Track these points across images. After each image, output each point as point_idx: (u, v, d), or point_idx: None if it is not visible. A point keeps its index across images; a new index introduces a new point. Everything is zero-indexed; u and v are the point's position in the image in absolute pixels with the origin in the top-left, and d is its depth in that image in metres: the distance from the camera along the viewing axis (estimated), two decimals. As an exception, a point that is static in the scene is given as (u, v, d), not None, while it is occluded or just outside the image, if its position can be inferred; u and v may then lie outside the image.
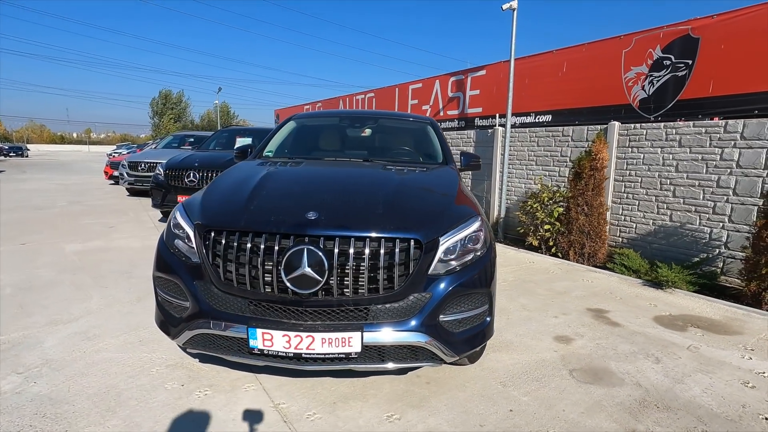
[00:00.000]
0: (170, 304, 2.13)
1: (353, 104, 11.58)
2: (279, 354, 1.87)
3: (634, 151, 5.28)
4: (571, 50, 6.15)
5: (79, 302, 3.44)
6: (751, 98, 4.44)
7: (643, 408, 2.22)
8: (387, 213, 2.01)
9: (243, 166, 2.91)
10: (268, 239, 1.87)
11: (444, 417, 2.10)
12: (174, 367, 2.49)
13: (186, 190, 6.35)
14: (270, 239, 1.87)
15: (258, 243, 1.87)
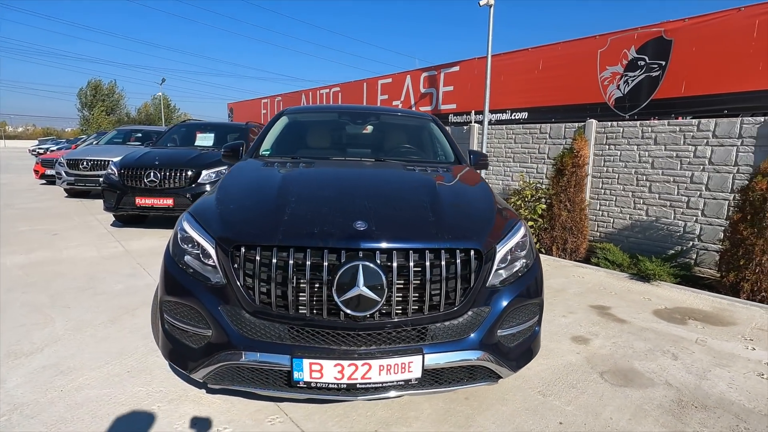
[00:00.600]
0: (185, 333, 1.81)
1: (317, 99, 11.17)
2: (329, 386, 1.63)
3: (612, 149, 5.46)
4: (547, 48, 6.25)
5: (39, 328, 2.93)
6: (721, 99, 4.72)
7: (682, 409, 2.21)
8: (439, 220, 1.82)
9: (249, 168, 2.58)
10: (313, 254, 1.61)
11: (498, 437, 1.96)
12: (178, 402, 2.15)
13: (146, 191, 5.75)
14: (315, 254, 1.62)
15: (302, 260, 1.61)
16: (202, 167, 5.93)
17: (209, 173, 5.94)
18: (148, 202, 5.77)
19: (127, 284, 3.83)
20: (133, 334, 2.85)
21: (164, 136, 7.54)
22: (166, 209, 5.80)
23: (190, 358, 1.78)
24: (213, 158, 6.20)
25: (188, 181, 5.82)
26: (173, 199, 5.76)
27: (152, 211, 5.83)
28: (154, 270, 4.23)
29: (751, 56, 4.50)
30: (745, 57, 4.54)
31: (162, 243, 5.32)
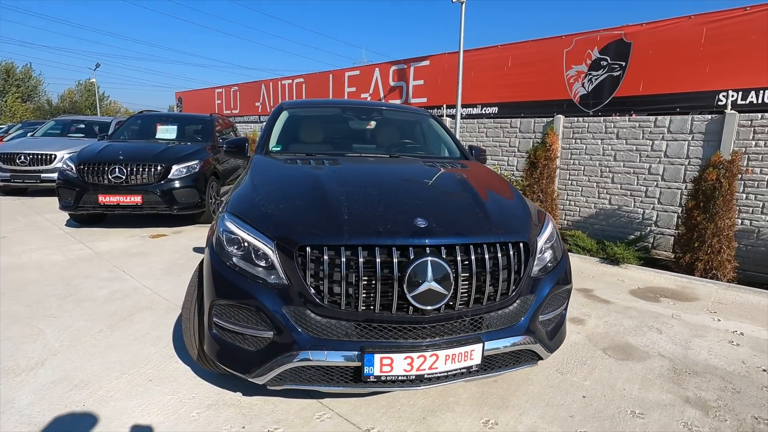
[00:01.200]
0: (241, 336, 1.77)
1: (278, 90, 10.85)
2: (398, 378, 1.68)
3: (578, 143, 5.87)
4: (516, 46, 6.55)
5: (29, 340, 2.68)
6: (674, 98, 5.23)
7: (679, 376, 2.51)
8: (488, 216, 1.92)
9: (275, 166, 2.52)
10: (382, 252, 1.65)
11: (535, 414, 2.11)
12: (217, 407, 2.10)
13: (110, 188, 5.34)
14: (384, 252, 1.65)
15: (372, 258, 1.64)
16: (172, 162, 5.60)
17: (180, 168, 5.62)
18: (113, 199, 5.37)
19: (110, 289, 3.58)
20: (140, 342, 2.71)
21: (120, 128, 7.00)
22: (134, 207, 5.43)
23: (250, 361, 1.75)
24: (183, 152, 5.88)
25: (157, 176, 5.48)
26: (141, 197, 5.41)
27: (117, 210, 5.43)
28: (136, 272, 3.99)
29: (699, 60, 5.04)
30: (695, 60, 5.07)
31: (132, 244, 5.01)
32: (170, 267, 4.19)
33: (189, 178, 5.66)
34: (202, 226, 6.08)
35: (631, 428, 2.03)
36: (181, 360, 2.51)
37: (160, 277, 3.90)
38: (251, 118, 11.76)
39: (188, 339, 2.15)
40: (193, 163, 5.78)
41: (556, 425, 2.04)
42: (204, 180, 5.86)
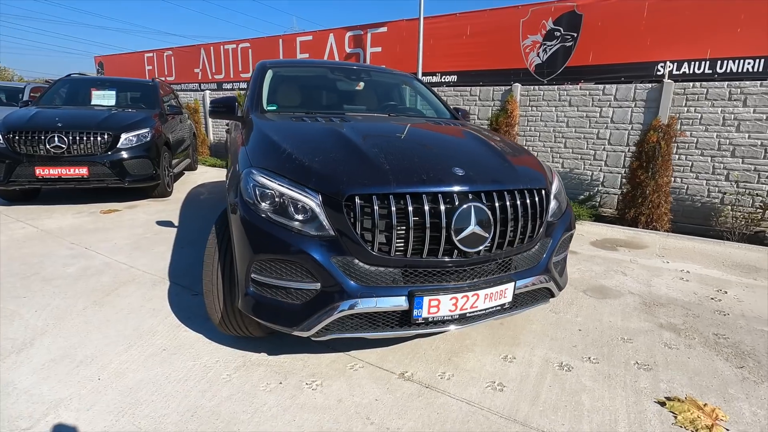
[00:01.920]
0: (284, 290, 1.76)
1: (220, 55, 10.11)
2: (444, 319, 1.78)
3: (534, 110, 6.22)
4: (474, 15, 6.68)
5: (5, 323, 2.42)
6: (619, 68, 5.70)
7: (649, 308, 2.88)
8: (512, 166, 2.04)
9: (286, 123, 2.42)
10: (429, 199, 1.70)
11: (544, 347, 2.34)
12: (246, 368, 2.07)
13: (49, 160, 4.76)
14: (431, 199, 1.71)
15: (420, 205, 1.69)
16: (121, 130, 5.09)
17: (129, 137, 5.13)
18: (54, 172, 4.80)
19: (79, 266, 3.28)
20: (136, 315, 2.55)
21: (45, 93, 6.17)
22: (79, 180, 4.90)
23: (295, 315, 1.75)
24: (131, 120, 5.36)
25: (105, 146, 4.97)
26: (88, 169, 4.89)
27: (59, 184, 4.87)
28: (102, 248, 3.67)
29: (641, 33, 5.51)
30: (637, 33, 5.54)
31: (82, 221, 4.56)
32: (138, 241, 3.90)
33: (141, 148, 5.20)
34: (157, 200, 5.66)
35: (624, 351, 2.33)
36: (190, 329, 2.41)
37: (130, 252, 3.63)
38: (190, 85, 10.89)
39: (210, 303, 2.08)
40: (144, 131, 5.30)
41: (565, 354, 2.28)
42: (156, 150, 5.42)
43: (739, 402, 1.93)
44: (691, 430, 1.74)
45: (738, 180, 5.05)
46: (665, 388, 2.02)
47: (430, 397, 1.91)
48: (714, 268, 3.69)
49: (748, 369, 2.20)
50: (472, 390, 1.96)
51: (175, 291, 2.89)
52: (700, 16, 5.17)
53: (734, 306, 2.94)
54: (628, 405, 1.89)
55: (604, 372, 2.13)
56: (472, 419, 1.77)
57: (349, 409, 1.81)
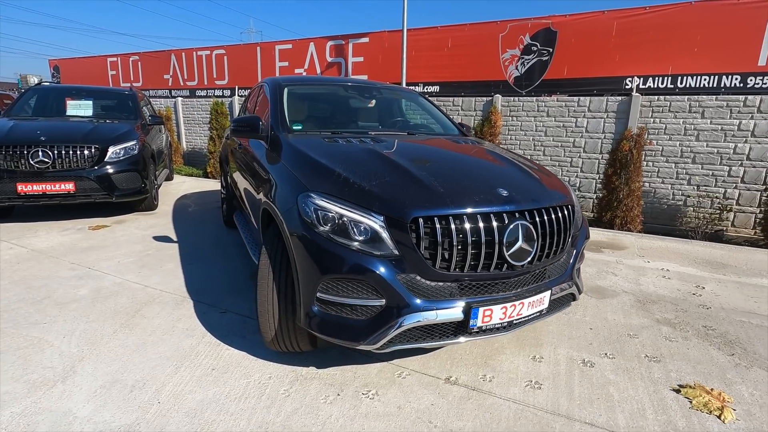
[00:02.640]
0: (350, 308, 1.87)
1: (193, 61, 9.87)
2: (495, 327, 1.96)
3: (514, 120, 6.58)
4: (455, 28, 6.96)
5: (36, 352, 2.35)
6: (592, 81, 6.16)
7: (644, 305, 3.21)
8: (543, 185, 2.26)
9: (324, 145, 2.51)
10: (483, 219, 1.87)
11: (565, 346, 2.57)
12: (300, 382, 2.16)
13: (33, 175, 4.55)
14: (485, 219, 1.88)
15: (476, 224, 1.86)
16: (109, 143, 4.94)
17: (117, 150, 4.99)
18: (38, 188, 4.59)
19: (90, 287, 3.20)
20: (171, 336, 2.55)
21: (16, 104, 5.84)
22: (65, 196, 4.71)
23: (360, 330, 1.86)
24: (117, 132, 5.20)
25: (91, 160, 4.80)
26: (74, 184, 4.71)
27: (42, 200, 4.65)
28: (106, 268, 3.59)
29: (611, 50, 5.99)
30: (608, 50, 6.01)
31: (72, 238, 4.40)
32: (142, 259, 3.83)
33: (128, 161, 5.06)
34: (144, 214, 5.51)
35: (633, 345, 2.61)
36: (231, 347, 2.46)
37: (138, 270, 3.57)
38: (160, 92, 10.53)
39: (265, 322, 2.15)
40: (131, 144, 5.16)
41: (584, 351, 2.53)
42: (144, 162, 5.28)
43: (738, 385, 2.24)
44: (706, 412, 2.01)
45: (699, 184, 5.60)
46: (675, 377, 2.30)
47: (479, 398, 2.08)
48: (689, 266, 4.11)
49: (738, 356, 2.53)
50: (514, 389, 2.15)
51: (201, 309, 2.90)
52: (662, 36, 5.70)
53: (713, 300, 3.32)
54: (649, 394, 2.14)
55: (622, 366, 2.39)
56: (522, 416, 1.96)
57: (411, 415, 1.95)
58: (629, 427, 1.90)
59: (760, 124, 5.22)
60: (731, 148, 5.41)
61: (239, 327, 2.68)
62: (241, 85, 9.36)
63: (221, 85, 9.65)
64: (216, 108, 8.44)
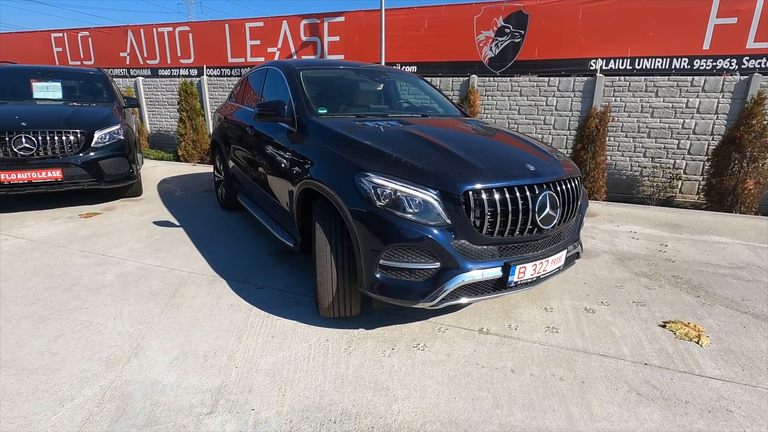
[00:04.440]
0: (410, 271, 2.15)
1: (153, 38, 9.36)
2: (527, 281, 2.32)
3: (490, 99, 6.96)
4: (431, 9, 7.15)
5: (94, 334, 2.45)
6: (561, 63, 6.62)
7: (622, 262, 3.73)
8: (556, 159, 2.61)
9: (359, 128, 2.71)
10: (519, 190, 2.20)
11: (569, 298, 3.01)
12: (357, 341, 2.42)
13: (16, 163, 4.35)
14: (520, 190, 2.20)
15: (514, 195, 2.18)
16: (94, 127, 4.77)
17: (103, 135, 4.84)
18: (22, 177, 4.39)
19: (115, 273, 3.24)
20: (219, 311, 2.72)
21: (-26, 86, 5.40)
22: (52, 184, 4.55)
23: (419, 290, 2.15)
24: (99, 116, 5.02)
25: (78, 146, 4.64)
26: (61, 171, 4.55)
27: (27, 189, 4.47)
28: (120, 254, 3.61)
29: (577, 33, 6.46)
30: (574, 33, 6.47)
31: (67, 227, 4.31)
32: (153, 243, 3.86)
33: (115, 146, 4.92)
34: (131, 200, 5.40)
35: (621, 294, 3.10)
36: (281, 317, 2.66)
37: (155, 254, 3.62)
38: (116, 71, 9.91)
39: (324, 291, 2.38)
40: (116, 128, 5.01)
41: (584, 301, 2.98)
42: (130, 147, 5.15)
43: (706, 319, 2.77)
44: (688, 340, 2.51)
45: (653, 156, 6.30)
46: (659, 316, 2.80)
47: (511, 343, 2.46)
48: (651, 228, 4.73)
49: (703, 297, 3.08)
50: (537, 334, 2.55)
51: (237, 287, 3.06)
52: (622, 21, 6.24)
53: (676, 255, 3.92)
54: (642, 330, 2.62)
55: (617, 310, 2.86)
56: (549, 354, 2.36)
57: (460, 360, 2.29)
58: (633, 355, 2.36)
59: (704, 102, 5.93)
60: (680, 124, 6.11)
61: (280, 300, 2.89)
62: (209, 64, 9.05)
63: (187, 64, 9.26)
64: (185, 88, 8.16)
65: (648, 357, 2.34)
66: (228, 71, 8.94)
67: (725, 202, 5.56)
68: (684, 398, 2.02)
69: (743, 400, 2.02)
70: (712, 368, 2.25)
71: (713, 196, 5.69)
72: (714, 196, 5.68)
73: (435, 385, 2.08)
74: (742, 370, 2.25)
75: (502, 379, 2.14)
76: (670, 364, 2.28)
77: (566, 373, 2.19)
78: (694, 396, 2.04)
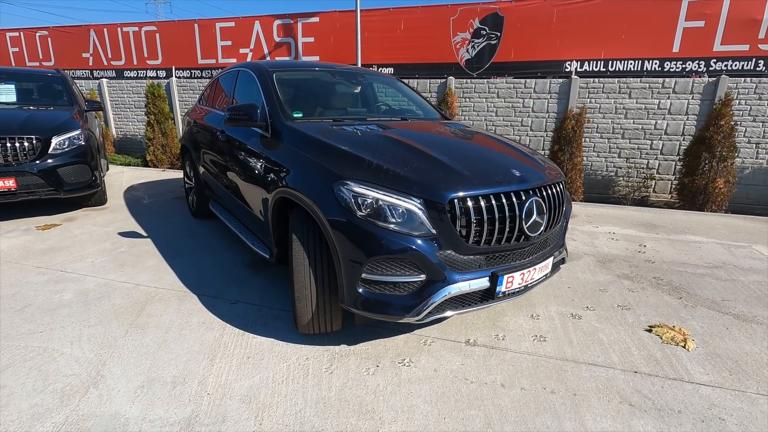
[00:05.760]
0: (394, 285, 2.03)
1: (118, 38, 8.93)
2: (515, 291, 2.24)
3: (467, 101, 6.93)
4: (407, 11, 7.07)
5: (48, 361, 2.23)
6: (537, 64, 6.66)
7: (604, 264, 3.73)
8: (541, 165, 2.54)
9: (337, 133, 2.57)
10: (505, 197, 2.11)
11: (554, 303, 2.95)
12: (338, 359, 2.29)
13: (-36, 172, 4.00)
14: (507, 197, 2.12)
15: (500, 202, 2.09)
16: (50, 133, 4.46)
17: (61, 140, 4.53)
18: (-30, 187, 4.06)
19: (73, 291, 3.00)
20: (189, 330, 2.53)
21: None
22: (5, 194, 4.22)
23: (404, 305, 2.03)
24: (57, 120, 4.70)
25: (33, 153, 4.33)
26: (15, 180, 4.23)
27: (-23, 200, 4.13)
28: (81, 269, 3.35)
29: (552, 35, 6.50)
30: (549, 35, 6.51)
31: (22, 240, 4.00)
32: (118, 257, 3.61)
33: (75, 152, 4.62)
34: (94, 209, 5.09)
35: (606, 298, 3.07)
36: (257, 335, 2.50)
37: (120, 269, 3.38)
38: (78, 72, 9.42)
39: (302, 307, 2.23)
40: (76, 134, 4.70)
41: (570, 307, 2.93)
42: (92, 153, 4.85)
43: (690, 321, 2.77)
44: (674, 344, 2.49)
45: (627, 157, 6.40)
46: (644, 320, 2.77)
47: (499, 355, 2.37)
48: (629, 228, 4.77)
49: (684, 298, 3.09)
50: (524, 344, 2.48)
51: (209, 302, 2.87)
52: (595, 24, 6.31)
53: (655, 255, 3.95)
54: (629, 335, 2.58)
55: (602, 315, 2.82)
56: (539, 365, 2.28)
57: (448, 375, 2.18)
58: (623, 363, 2.31)
59: (675, 104, 6.06)
60: (653, 125, 6.23)
61: (256, 315, 2.72)
62: (178, 66, 8.70)
63: (154, 65, 8.88)
64: (152, 91, 7.82)
65: (637, 364, 2.29)
66: (198, 73, 8.62)
67: (697, 200, 5.69)
68: (676, 408, 1.98)
69: (734, 407, 1.99)
70: (700, 374, 2.22)
71: (686, 196, 5.82)
72: (686, 196, 5.80)
73: (423, 405, 1.97)
74: (730, 374, 2.23)
75: (492, 395, 2.05)
76: (660, 371, 2.24)
77: (557, 385, 2.12)
78: (686, 405, 2.00)
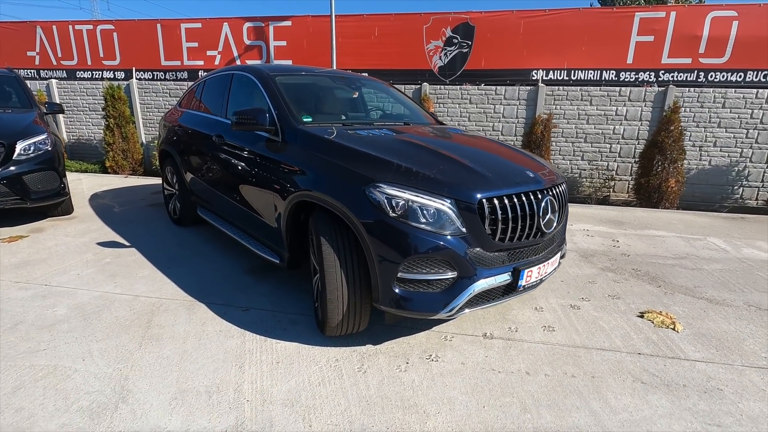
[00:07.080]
0: (429, 282, 2.12)
1: (70, 37, 8.34)
2: (532, 284, 2.39)
3: (441, 107, 7.15)
4: (381, 17, 7.19)
5: (64, 380, 2.09)
6: (506, 72, 7.01)
7: (587, 259, 4.02)
8: (548, 166, 2.73)
9: (355, 137, 2.60)
10: (526, 197, 2.26)
11: (553, 296, 3.16)
12: (368, 358, 2.34)
13: None
14: (526, 196, 2.27)
15: (522, 201, 2.23)
16: (13, 138, 4.14)
17: (26, 146, 4.21)
18: (-77, 197, 3.66)
19: (67, 305, 2.81)
20: (208, 339, 2.47)
21: None
22: (-36, 205, 3.85)
23: (437, 301, 2.12)
24: (20, 125, 4.37)
25: (-4, 159, 3.99)
26: (-24, 189, 3.87)
27: (-70, 212, 3.74)
28: (67, 282, 3.15)
29: (520, 45, 6.88)
30: (517, 45, 6.89)
31: (-2, 252, 3.68)
32: (105, 268, 3.42)
33: (42, 158, 4.31)
34: (61, 219, 4.75)
35: (596, 289, 3.33)
36: (280, 340, 2.49)
37: (111, 280, 3.20)
38: (23, 72, 8.68)
39: (334, 309, 2.25)
40: (42, 138, 4.38)
41: (568, 299, 3.15)
42: (59, 159, 4.54)
43: (673, 306, 3.07)
44: (665, 327, 2.76)
45: (590, 159, 6.89)
46: (634, 307, 3.04)
47: (517, 346, 2.52)
48: (600, 225, 5.16)
49: (663, 287, 3.41)
50: (537, 334, 2.64)
51: (220, 310, 2.80)
52: (558, 35, 6.77)
53: (629, 249, 4.30)
54: (625, 321, 2.83)
55: (598, 305, 3.06)
56: (554, 352, 2.45)
57: (476, 367, 2.29)
58: (626, 346, 2.53)
59: (630, 110, 6.62)
60: (611, 129, 6.76)
61: (273, 321, 2.69)
62: (138, 67, 8.27)
63: (111, 66, 8.39)
64: (111, 93, 7.41)
65: (639, 347, 2.53)
66: (162, 74, 8.25)
67: (652, 199, 6.24)
68: (681, 382, 2.21)
69: (728, 379, 2.25)
70: (693, 352, 2.49)
71: (642, 194, 6.36)
72: (643, 194, 6.34)
73: (461, 396, 2.06)
74: (717, 351, 2.51)
75: (520, 382, 2.18)
76: (659, 352, 2.48)
77: (576, 370, 2.29)
78: (688, 379, 2.23)
